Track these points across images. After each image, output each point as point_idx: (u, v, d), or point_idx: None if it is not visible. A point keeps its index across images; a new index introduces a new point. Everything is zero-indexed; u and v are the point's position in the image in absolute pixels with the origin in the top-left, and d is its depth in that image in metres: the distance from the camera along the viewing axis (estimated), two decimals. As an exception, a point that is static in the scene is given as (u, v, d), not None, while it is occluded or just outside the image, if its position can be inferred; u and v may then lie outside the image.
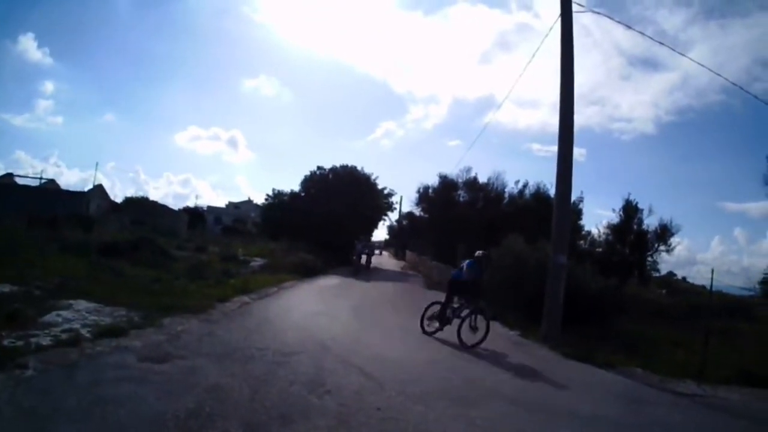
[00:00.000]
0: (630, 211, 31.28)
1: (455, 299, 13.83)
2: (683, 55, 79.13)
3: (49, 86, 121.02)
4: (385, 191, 49.72)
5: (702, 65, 42.81)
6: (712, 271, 13.71)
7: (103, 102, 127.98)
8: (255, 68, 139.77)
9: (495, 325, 16.64)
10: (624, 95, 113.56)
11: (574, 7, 15.54)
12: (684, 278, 51.55)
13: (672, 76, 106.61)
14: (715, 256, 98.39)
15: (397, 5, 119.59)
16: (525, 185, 34.23)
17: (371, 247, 35.70)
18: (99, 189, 58.79)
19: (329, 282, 25.80)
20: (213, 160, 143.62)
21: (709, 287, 14.36)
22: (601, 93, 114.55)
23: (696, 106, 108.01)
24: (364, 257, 35.85)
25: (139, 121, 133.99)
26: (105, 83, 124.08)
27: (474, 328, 12.81)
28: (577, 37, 15.66)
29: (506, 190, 34.89)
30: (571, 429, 7.16)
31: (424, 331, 13.57)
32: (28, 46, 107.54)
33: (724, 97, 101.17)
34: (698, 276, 76.04)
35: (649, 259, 31.44)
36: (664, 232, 30.40)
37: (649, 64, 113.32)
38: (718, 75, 46.47)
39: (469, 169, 36.10)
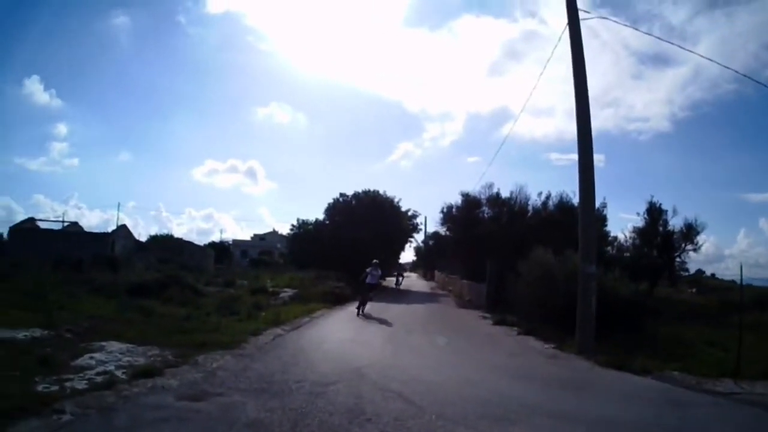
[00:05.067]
0: (654, 213, 31.08)
1: None
2: (691, 51, 78.82)
3: (61, 128, 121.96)
4: (409, 213, 49.81)
5: (711, 60, 42.27)
6: (741, 266, 13.43)
7: (117, 141, 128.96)
8: (265, 96, 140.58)
9: (529, 339, 16.54)
10: (638, 95, 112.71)
11: (581, 14, 15.56)
12: (713, 275, 51.05)
13: (683, 71, 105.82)
14: (742, 249, 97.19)
15: (402, 23, 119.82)
16: (548, 197, 33.91)
17: (400, 269, 35.19)
18: (123, 229, 59.37)
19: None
20: (233, 192, 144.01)
21: (738, 282, 14.11)
22: (614, 94, 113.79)
23: (710, 98, 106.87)
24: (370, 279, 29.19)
25: (155, 158, 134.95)
26: (116, 122, 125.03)
27: None
28: (586, 40, 15.71)
29: (529, 203, 34.58)
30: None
31: None
32: (35, 89, 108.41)
33: (737, 86, 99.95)
34: (727, 271, 75.34)
35: (677, 259, 31.15)
36: (690, 232, 30.15)
37: (660, 60, 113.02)
38: (727, 68, 45.66)
39: (491, 185, 35.88)
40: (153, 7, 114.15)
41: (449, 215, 38.43)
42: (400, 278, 40.08)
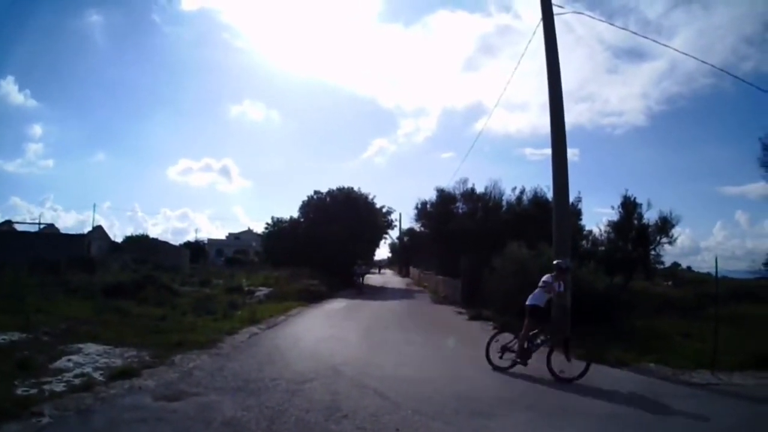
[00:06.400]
0: (629, 206, 31.19)
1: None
2: (667, 46, 79.47)
3: (36, 129, 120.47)
4: (384, 210, 50.12)
5: (687, 54, 43.17)
6: (716, 258, 13.69)
7: (92, 141, 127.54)
8: (239, 94, 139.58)
9: (504, 335, 16.71)
10: (612, 89, 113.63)
11: (555, 9, 15.68)
12: (689, 267, 51.42)
13: (659, 64, 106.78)
14: (719, 241, 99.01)
15: (377, 19, 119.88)
16: (522, 191, 34.10)
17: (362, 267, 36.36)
18: (99, 230, 59.00)
19: (336, 305, 25.76)
20: (208, 191, 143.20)
21: (714, 274, 14.35)
22: (589, 89, 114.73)
23: (686, 92, 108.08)
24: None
25: (130, 158, 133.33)
26: (91, 122, 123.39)
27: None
28: (560, 34, 15.78)
29: (504, 198, 34.76)
30: (592, 430, 7.16)
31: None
32: (9, 89, 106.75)
33: (714, 80, 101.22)
34: (703, 264, 76.27)
35: (653, 252, 31.33)
36: (665, 225, 30.26)
37: (635, 55, 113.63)
38: (704, 62, 46.32)
39: (465, 180, 36.03)
40: (127, 5, 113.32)
41: (424, 211, 38.62)
42: (361, 279, 39.61)
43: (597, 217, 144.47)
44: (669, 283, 39.74)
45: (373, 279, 57.42)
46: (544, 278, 11.78)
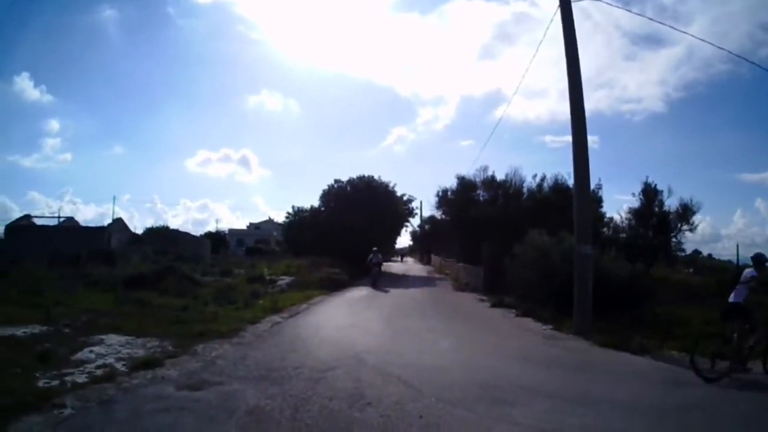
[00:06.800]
0: (649, 193, 30.94)
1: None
2: (684, 32, 78.63)
3: (53, 124, 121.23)
4: (405, 198, 49.88)
5: (704, 40, 42.41)
6: (737, 246, 13.55)
7: (109, 134, 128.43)
8: (256, 85, 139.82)
9: (527, 321, 16.58)
10: (631, 75, 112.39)
11: (572, -4, 15.48)
12: (710, 255, 51.12)
13: (676, 51, 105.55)
14: (739, 228, 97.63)
15: (392, 8, 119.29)
16: (543, 178, 33.92)
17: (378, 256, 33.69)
18: (119, 222, 59.25)
19: (357, 294, 25.71)
20: (227, 182, 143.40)
21: (735, 262, 14.16)
22: (607, 76, 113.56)
23: (703, 79, 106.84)
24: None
25: (148, 151, 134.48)
26: (108, 115, 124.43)
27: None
28: (577, 21, 15.69)
29: (525, 185, 34.59)
30: (613, 417, 7.03)
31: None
32: (25, 85, 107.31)
33: (731, 66, 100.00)
34: (723, 251, 75.48)
35: (674, 240, 31.05)
36: (686, 212, 29.99)
37: (653, 41, 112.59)
38: (721, 48, 45.73)
39: (485, 168, 35.85)
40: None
41: (444, 198, 38.49)
42: (377, 268, 32.27)
43: (618, 204, 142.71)
44: (690, 271, 39.47)
45: (394, 267, 57.52)
46: (746, 273, 10.66)
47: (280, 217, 63.07)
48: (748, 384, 9.39)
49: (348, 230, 40.14)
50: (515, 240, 21.61)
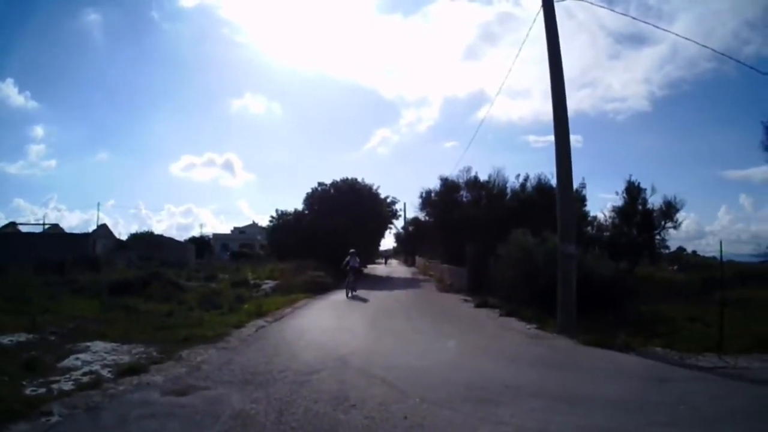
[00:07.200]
0: (633, 192, 31.04)
1: None
2: (668, 31, 79.14)
3: (38, 130, 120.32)
4: (388, 200, 49.90)
5: (688, 39, 42.72)
6: (721, 242, 13.73)
7: (94, 140, 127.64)
8: (239, 87, 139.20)
9: (511, 321, 16.70)
10: (615, 74, 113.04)
11: (554, -5, 15.63)
12: (694, 252, 51.55)
13: (661, 49, 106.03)
14: (723, 225, 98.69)
15: (376, 10, 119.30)
16: (526, 179, 33.98)
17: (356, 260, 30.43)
18: (103, 228, 59.07)
19: (342, 297, 25.47)
20: (211, 186, 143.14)
21: (719, 259, 14.34)
22: (591, 75, 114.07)
23: (688, 77, 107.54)
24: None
25: (132, 156, 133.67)
26: (93, 122, 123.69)
27: None
28: (561, 21, 15.79)
29: (508, 185, 34.62)
30: (599, 415, 7.13)
31: None
32: (9, 92, 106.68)
33: (716, 64, 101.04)
34: (708, 248, 76.18)
35: (657, 237, 31.21)
36: (669, 209, 30.09)
37: (637, 40, 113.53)
38: (705, 47, 46.05)
39: (469, 169, 35.94)
40: (126, 3, 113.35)
41: (428, 200, 38.54)
42: (351, 276, 27.00)
43: (601, 202, 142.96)
44: (674, 268, 39.67)
45: (379, 269, 57.61)
46: None
47: (264, 221, 62.98)
48: (734, 378, 9.56)
49: (332, 233, 40.06)
50: (499, 240, 21.73)
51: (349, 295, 25.14)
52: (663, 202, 30.05)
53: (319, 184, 48.13)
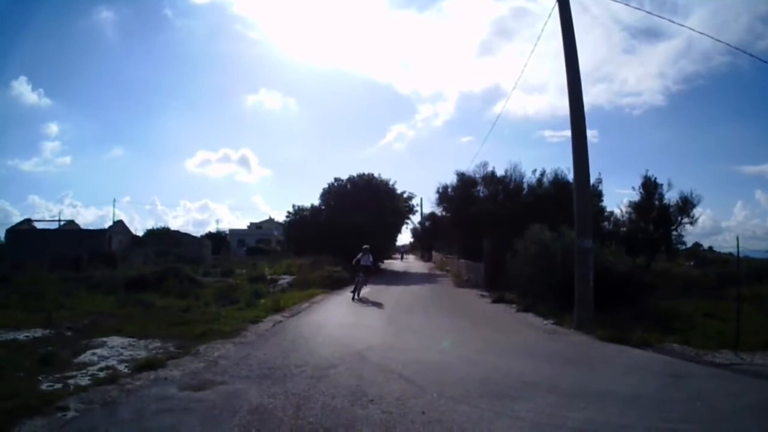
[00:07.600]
0: (649, 187, 30.91)
1: None
2: (682, 25, 78.50)
3: (52, 127, 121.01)
4: (405, 195, 49.68)
5: (702, 33, 42.38)
6: (737, 238, 13.44)
7: (108, 137, 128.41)
8: (254, 83, 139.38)
9: (528, 316, 16.58)
10: (630, 69, 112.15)
11: (570, -10, 15.47)
12: (710, 248, 51.05)
13: (676, 43, 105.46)
14: (739, 221, 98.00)
15: (390, 5, 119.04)
16: (543, 173, 33.87)
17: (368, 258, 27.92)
18: (120, 224, 59.22)
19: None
20: (227, 182, 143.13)
21: (735, 254, 14.15)
22: (606, 70, 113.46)
23: (703, 71, 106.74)
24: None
25: (147, 152, 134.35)
26: (106, 118, 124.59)
27: None
28: (576, 15, 15.60)
29: (524, 180, 34.51)
30: (614, 411, 7.03)
31: None
32: (23, 89, 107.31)
33: (730, 58, 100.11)
34: (724, 244, 75.60)
35: (674, 233, 31.03)
36: (686, 205, 29.96)
37: (651, 34, 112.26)
38: (719, 41, 45.64)
39: (485, 164, 35.82)
40: (138, 1, 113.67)
41: (445, 195, 38.41)
42: (361, 275, 23.93)
43: (618, 198, 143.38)
44: (691, 264, 39.44)
45: (396, 264, 57.65)
46: None
47: (280, 217, 63.06)
48: (750, 375, 9.42)
49: (349, 228, 39.88)
50: (516, 236, 21.58)
51: (355, 297, 22.22)
52: (679, 197, 29.93)
53: (336, 179, 48.09)
